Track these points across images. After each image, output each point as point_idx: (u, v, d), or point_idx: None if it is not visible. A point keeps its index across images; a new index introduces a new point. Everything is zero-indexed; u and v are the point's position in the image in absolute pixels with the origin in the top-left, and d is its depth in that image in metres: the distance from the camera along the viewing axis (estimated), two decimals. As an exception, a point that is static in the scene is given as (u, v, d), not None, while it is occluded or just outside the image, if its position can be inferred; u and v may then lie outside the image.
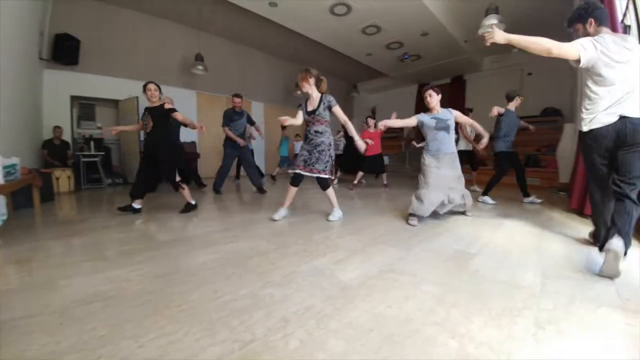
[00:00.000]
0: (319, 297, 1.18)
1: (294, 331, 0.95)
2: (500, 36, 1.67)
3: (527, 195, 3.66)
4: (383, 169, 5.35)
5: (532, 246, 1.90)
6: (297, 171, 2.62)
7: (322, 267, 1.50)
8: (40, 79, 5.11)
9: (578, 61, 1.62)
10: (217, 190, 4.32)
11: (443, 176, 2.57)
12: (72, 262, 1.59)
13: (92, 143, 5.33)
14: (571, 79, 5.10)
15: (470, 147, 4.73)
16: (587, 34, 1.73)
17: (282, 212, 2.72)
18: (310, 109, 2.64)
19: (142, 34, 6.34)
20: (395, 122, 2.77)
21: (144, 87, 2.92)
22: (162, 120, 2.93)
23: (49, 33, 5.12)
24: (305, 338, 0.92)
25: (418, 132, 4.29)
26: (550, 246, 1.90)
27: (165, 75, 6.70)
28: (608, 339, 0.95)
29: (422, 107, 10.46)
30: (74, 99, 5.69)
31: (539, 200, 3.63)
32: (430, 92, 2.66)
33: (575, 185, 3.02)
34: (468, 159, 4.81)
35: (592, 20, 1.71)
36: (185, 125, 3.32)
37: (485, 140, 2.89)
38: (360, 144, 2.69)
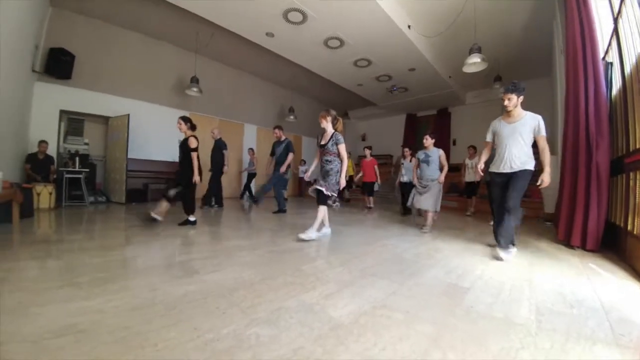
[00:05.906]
0: (308, 337, 1.10)
1: (281, 378, 0.87)
2: (547, 178, 2.29)
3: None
4: (372, 193, 6.14)
5: (524, 279, 1.88)
6: (314, 187, 2.96)
7: (312, 302, 1.42)
8: (30, 92, 5.03)
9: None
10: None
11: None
12: (45, 288, 1.50)
13: (77, 159, 5.16)
14: (548, 111, 5.44)
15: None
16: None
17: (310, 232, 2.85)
18: (322, 142, 3.01)
19: (138, 54, 6.43)
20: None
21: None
22: None
23: (44, 46, 5.11)
24: (293, 387, 0.84)
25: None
26: (541, 279, 1.89)
27: (158, 95, 6.74)
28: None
29: (410, 135, 10.74)
30: (63, 113, 5.59)
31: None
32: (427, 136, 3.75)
33: (561, 216, 2.98)
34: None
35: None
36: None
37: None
38: (343, 183, 2.97)
